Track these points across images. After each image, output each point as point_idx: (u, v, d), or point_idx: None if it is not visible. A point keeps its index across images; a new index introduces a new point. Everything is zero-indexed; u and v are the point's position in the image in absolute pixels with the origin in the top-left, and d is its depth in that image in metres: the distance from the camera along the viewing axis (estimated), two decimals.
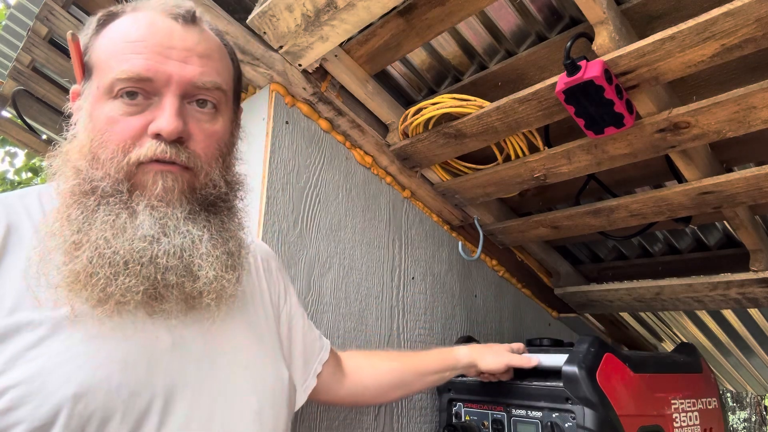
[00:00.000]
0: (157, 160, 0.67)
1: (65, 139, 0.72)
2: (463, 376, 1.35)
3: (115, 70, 0.67)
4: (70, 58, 1.86)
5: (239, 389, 0.73)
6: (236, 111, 0.81)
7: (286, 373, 0.82)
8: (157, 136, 0.67)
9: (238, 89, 0.82)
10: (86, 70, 0.72)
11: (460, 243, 1.78)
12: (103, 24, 0.72)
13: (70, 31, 0.71)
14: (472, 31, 1.32)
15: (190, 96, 0.71)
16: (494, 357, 1.22)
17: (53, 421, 0.57)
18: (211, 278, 0.68)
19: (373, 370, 1.13)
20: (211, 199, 0.73)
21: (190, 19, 0.72)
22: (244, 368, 0.75)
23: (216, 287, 0.69)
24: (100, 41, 0.71)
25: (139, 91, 0.67)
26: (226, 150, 0.76)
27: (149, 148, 0.66)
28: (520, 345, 1.31)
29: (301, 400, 0.96)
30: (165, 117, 0.67)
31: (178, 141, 0.68)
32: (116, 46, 0.69)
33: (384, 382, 1.13)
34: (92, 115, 0.68)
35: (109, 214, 0.65)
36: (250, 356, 0.77)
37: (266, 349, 0.82)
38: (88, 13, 1.71)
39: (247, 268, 0.82)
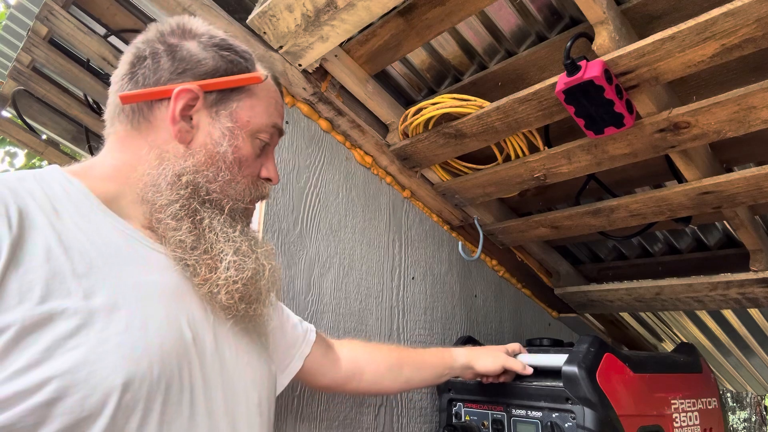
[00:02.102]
0: (257, 201, 0.86)
1: (192, 126, 0.78)
2: (462, 380, 1.35)
3: (272, 120, 0.83)
4: (70, 58, 1.87)
5: (244, 384, 0.77)
6: None
7: (274, 368, 0.88)
8: (269, 180, 0.85)
9: None
10: (228, 91, 0.79)
11: (460, 243, 1.78)
12: (254, 64, 0.84)
13: (266, 74, 0.82)
14: (472, 31, 1.32)
15: None
16: (490, 358, 1.24)
17: (100, 411, 0.57)
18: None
19: (370, 355, 1.15)
20: None
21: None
22: (246, 364, 0.78)
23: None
24: (260, 87, 0.83)
25: (269, 143, 0.84)
26: None
27: (267, 189, 0.86)
28: (515, 346, 1.31)
29: (282, 384, 1.00)
30: (275, 168, 0.86)
31: None
32: (271, 101, 0.84)
33: (381, 368, 1.14)
34: (236, 138, 0.79)
35: (244, 229, 0.80)
36: (248, 353, 0.80)
37: (259, 346, 0.85)
38: (89, 13, 1.71)
39: None
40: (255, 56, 0.85)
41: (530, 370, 1.24)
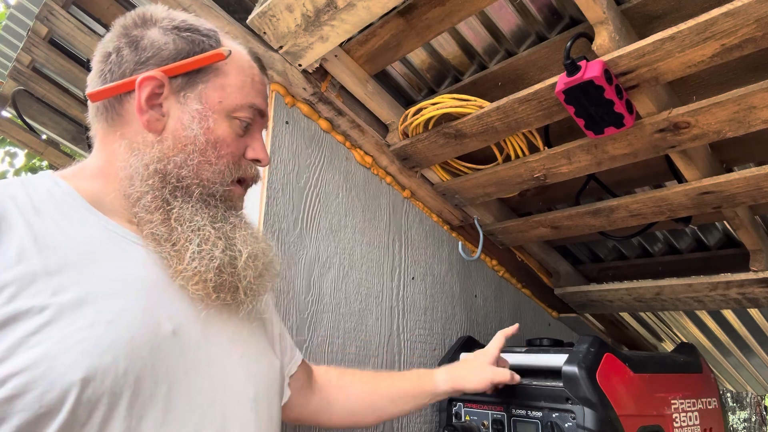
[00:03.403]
0: (244, 182, 0.84)
1: (160, 114, 0.76)
2: None
3: (248, 100, 0.80)
4: (70, 58, 1.87)
5: (236, 377, 0.75)
6: None
7: (277, 362, 0.85)
8: (256, 161, 0.84)
9: None
10: (193, 73, 0.77)
11: (460, 243, 1.78)
12: (219, 42, 0.81)
13: (229, 50, 0.78)
14: (472, 31, 1.32)
15: None
16: (477, 376, 1.13)
17: (60, 407, 0.57)
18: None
19: (343, 391, 1.08)
20: None
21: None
22: (239, 357, 0.77)
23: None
24: (230, 65, 0.80)
25: (250, 122, 0.81)
26: None
27: (254, 170, 0.84)
28: (499, 342, 1.20)
29: (287, 394, 0.97)
30: (263, 150, 0.84)
31: None
32: (245, 80, 0.81)
33: (351, 405, 1.08)
34: (207, 120, 0.77)
35: (219, 214, 0.78)
36: (243, 345, 0.79)
37: (257, 339, 0.83)
38: (89, 13, 1.71)
39: None
40: (222, 32, 0.83)
41: (518, 378, 1.17)
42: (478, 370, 1.15)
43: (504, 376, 1.14)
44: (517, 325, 1.25)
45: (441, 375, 1.15)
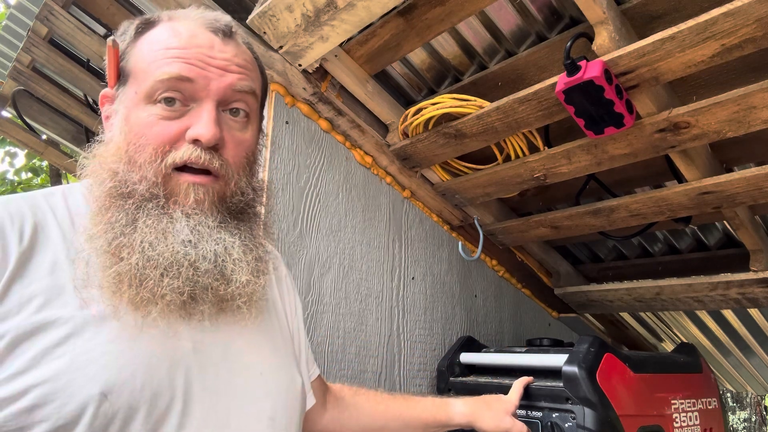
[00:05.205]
0: (190, 169, 0.69)
1: (99, 141, 0.73)
2: (462, 380, 1.33)
3: (156, 73, 0.69)
4: (70, 58, 1.87)
5: (255, 394, 0.74)
6: (261, 120, 0.84)
7: (299, 379, 0.82)
8: (195, 141, 0.69)
9: (264, 100, 0.85)
10: (121, 76, 0.74)
11: (460, 243, 1.78)
12: (141, 32, 0.74)
13: (112, 38, 0.72)
14: (472, 31, 1.33)
15: (225, 104, 0.73)
16: (495, 420, 1.12)
17: (78, 419, 0.57)
18: (244, 282, 0.71)
19: (355, 411, 1.07)
20: (241, 207, 0.75)
21: (228, 33, 0.75)
22: (259, 374, 0.75)
23: (248, 291, 0.72)
24: (139, 48, 0.73)
25: (177, 96, 0.69)
26: (253, 158, 0.79)
27: (185, 151, 0.68)
28: (519, 391, 1.20)
29: (310, 403, 0.96)
30: (204, 124, 0.69)
31: (213, 148, 0.70)
32: (157, 53, 0.70)
33: (362, 424, 1.08)
34: (129, 119, 0.70)
35: (151, 218, 0.67)
36: (265, 362, 0.77)
37: (281, 355, 0.82)
38: (89, 13, 1.71)
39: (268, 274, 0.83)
40: (173, 11, 0.76)
41: None
42: (499, 415, 1.13)
43: (520, 431, 1.12)
44: (532, 378, 1.25)
45: (459, 407, 1.13)
